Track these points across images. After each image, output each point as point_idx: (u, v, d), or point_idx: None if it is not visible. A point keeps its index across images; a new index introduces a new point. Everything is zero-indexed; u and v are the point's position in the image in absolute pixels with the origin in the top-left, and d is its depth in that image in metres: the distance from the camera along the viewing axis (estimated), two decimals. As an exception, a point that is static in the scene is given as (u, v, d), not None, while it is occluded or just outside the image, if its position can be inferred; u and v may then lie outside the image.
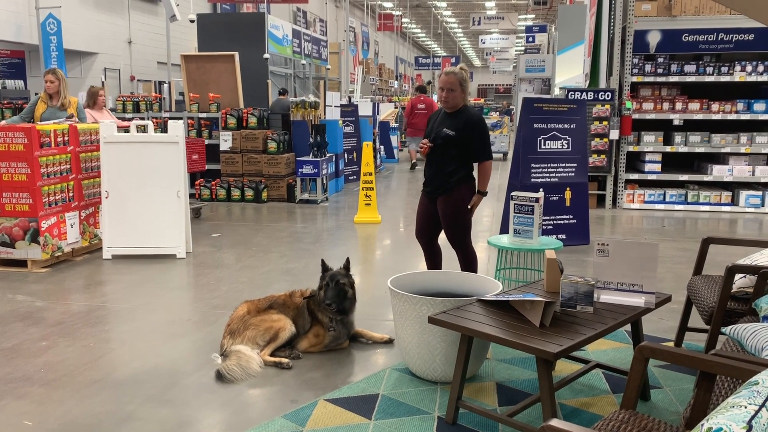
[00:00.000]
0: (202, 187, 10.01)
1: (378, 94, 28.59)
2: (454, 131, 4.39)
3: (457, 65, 4.61)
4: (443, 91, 4.42)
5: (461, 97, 4.45)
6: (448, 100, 4.42)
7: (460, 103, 4.47)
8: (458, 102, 4.45)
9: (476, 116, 4.43)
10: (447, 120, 4.47)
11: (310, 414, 3.18)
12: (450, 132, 4.40)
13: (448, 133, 4.40)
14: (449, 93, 4.41)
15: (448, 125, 4.43)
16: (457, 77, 4.39)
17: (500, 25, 31.35)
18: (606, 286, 3.22)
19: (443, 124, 4.48)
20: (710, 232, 7.93)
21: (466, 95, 4.51)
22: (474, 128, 4.39)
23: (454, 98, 4.43)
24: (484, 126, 4.45)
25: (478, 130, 4.40)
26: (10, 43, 14.58)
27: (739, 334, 2.59)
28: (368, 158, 8.48)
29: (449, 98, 4.42)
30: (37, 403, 3.33)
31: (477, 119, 4.41)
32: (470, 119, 4.39)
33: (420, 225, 4.72)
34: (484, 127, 4.45)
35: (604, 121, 9.14)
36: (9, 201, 5.86)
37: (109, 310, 4.83)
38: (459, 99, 4.44)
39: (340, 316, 3.98)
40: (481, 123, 4.42)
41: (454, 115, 4.45)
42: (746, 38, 9.00)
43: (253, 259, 6.40)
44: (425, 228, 4.70)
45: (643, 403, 3.29)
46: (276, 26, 15.59)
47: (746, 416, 1.46)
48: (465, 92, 4.47)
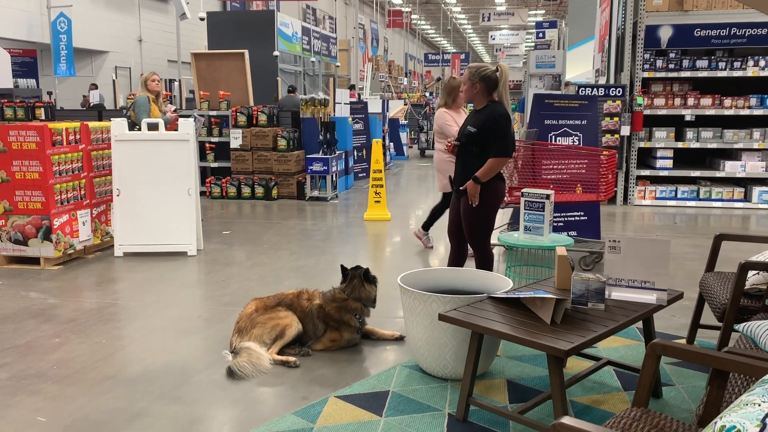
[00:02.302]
0: (212, 185, 10.05)
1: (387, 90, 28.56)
2: (475, 128, 4.31)
3: (495, 64, 4.50)
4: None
5: (478, 93, 4.33)
6: (462, 96, 4.50)
7: (479, 100, 4.35)
8: (473, 97, 4.36)
9: (498, 111, 4.29)
10: (472, 117, 4.43)
11: (321, 411, 3.18)
12: (472, 129, 4.32)
13: (471, 130, 4.33)
14: (462, 86, 4.47)
15: (472, 123, 4.38)
16: (469, 71, 4.36)
17: (510, 20, 31.24)
18: (617, 283, 3.20)
19: (469, 121, 4.45)
20: (723, 228, 7.87)
21: (492, 92, 4.35)
22: (492, 123, 4.27)
23: (465, 93, 4.41)
24: (503, 121, 4.28)
25: (495, 125, 4.26)
26: (22, 42, 14.69)
27: (752, 332, 2.57)
28: (378, 155, 8.47)
29: (463, 92, 4.48)
30: (50, 399, 3.36)
31: (497, 114, 4.27)
32: (490, 114, 4.28)
33: (451, 225, 4.64)
34: (503, 123, 4.28)
35: (615, 117, 9.09)
36: (22, 199, 5.91)
37: (120, 307, 4.86)
38: (473, 94, 4.35)
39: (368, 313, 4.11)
40: (499, 118, 4.26)
41: (479, 112, 4.37)
42: (759, 32, 8.91)
43: (264, 256, 6.42)
44: (455, 227, 4.61)
45: (656, 400, 3.27)
46: (285, 24, 15.61)
47: (760, 414, 1.45)
48: (480, 89, 4.32)
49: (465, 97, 4.49)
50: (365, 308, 4.02)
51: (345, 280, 4.07)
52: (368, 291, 4.01)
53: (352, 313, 3.97)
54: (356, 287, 4.00)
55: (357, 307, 3.98)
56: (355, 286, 4.00)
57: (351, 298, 3.99)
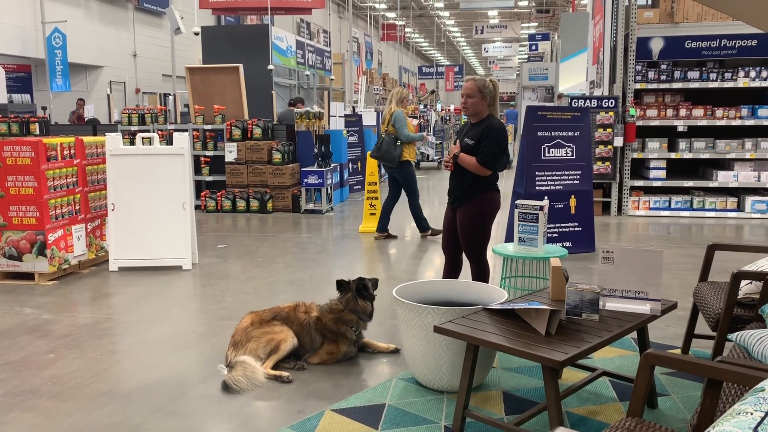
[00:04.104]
0: (207, 199, 10.05)
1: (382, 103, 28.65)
2: (473, 140, 4.35)
3: (485, 78, 4.57)
4: (463, 98, 4.40)
5: (482, 105, 4.37)
6: (467, 107, 4.39)
7: (482, 112, 4.39)
8: (479, 109, 4.38)
9: (496, 124, 4.36)
10: (471, 130, 4.45)
11: (317, 424, 3.18)
12: (470, 141, 4.36)
13: (468, 142, 4.37)
14: (468, 99, 4.37)
15: (470, 135, 4.41)
16: (477, 84, 4.36)
17: (503, 33, 31.44)
18: (611, 294, 3.21)
19: (467, 134, 4.46)
20: (716, 238, 7.91)
21: (491, 105, 4.42)
22: (488, 135, 4.32)
23: (473, 105, 4.37)
24: (498, 135, 4.33)
25: (490, 137, 4.31)
26: (16, 58, 14.70)
27: (745, 341, 2.59)
28: (372, 168, 8.49)
29: (468, 104, 4.38)
30: (45, 415, 3.34)
31: (494, 127, 4.34)
32: (489, 127, 4.33)
33: (446, 238, 4.64)
34: (498, 136, 4.33)
35: (608, 128, 9.14)
36: (16, 214, 5.90)
37: (115, 322, 4.85)
38: (479, 106, 4.37)
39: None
40: (495, 131, 4.32)
41: (477, 125, 4.41)
42: (749, 44, 9.00)
43: (259, 269, 6.42)
44: (451, 241, 4.61)
45: (651, 410, 3.27)
46: (280, 38, 15.67)
47: (752, 423, 1.46)
48: (487, 101, 4.38)
49: (472, 111, 4.41)
50: (361, 321, 4.03)
51: (341, 292, 4.09)
52: (363, 305, 4.02)
53: (348, 325, 3.97)
54: (350, 300, 4.01)
55: (353, 319, 3.98)
56: (349, 299, 4.02)
57: (347, 310, 3.99)
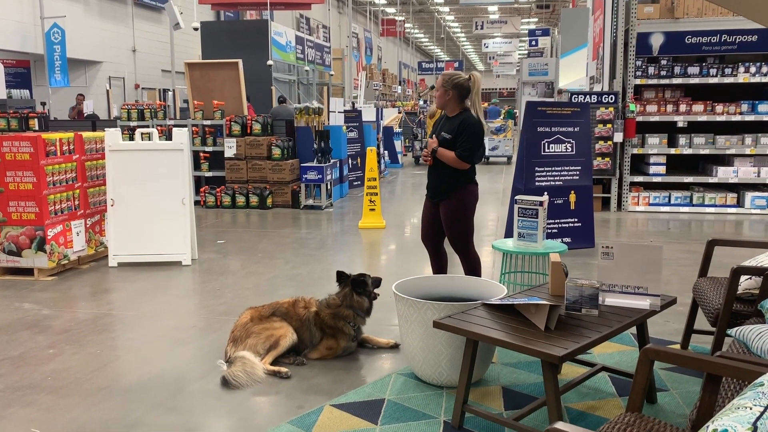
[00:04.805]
0: (206, 194, 10.05)
1: (381, 99, 28.64)
2: (450, 134, 4.45)
3: (468, 73, 4.61)
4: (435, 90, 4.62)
5: (451, 100, 4.46)
6: (435, 99, 4.61)
7: (451, 106, 4.49)
8: (446, 104, 4.49)
9: (471, 119, 4.43)
10: (447, 124, 4.55)
11: (316, 419, 3.18)
12: (447, 135, 4.46)
13: (445, 136, 4.47)
14: (435, 92, 4.56)
15: (446, 129, 4.50)
16: (444, 77, 4.50)
17: (503, 29, 31.41)
18: (611, 289, 3.21)
19: (443, 127, 4.55)
20: (716, 233, 7.91)
21: (465, 99, 4.47)
22: (466, 130, 4.40)
23: (438, 97, 4.51)
24: (474, 128, 4.40)
25: (467, 131, 4.40)
26: (15, 53, 14.68)
27: (744, 336, 2.59)
28: (372, 164, 8.49)
29: (435, 96, 4.57)
30: (44, 410, 3.35)
31: (470, 121, 4.42)
32: (464, 121, 4.42)
33: (425, 230, 4.74)
34: (475, 130, 4.40)
35: (608, 123, 9.13)
36: (15, 210, 5.89)
37: (115, 317, 4.85)
38: (445, 101, 4.48)
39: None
40: (471, 125, 4.40)
41: (454, 119, 4.50)
42: (750, 39, 8.98)
43: (259, 265, 6.42)
44: (430, 233, 4.72)
45: (650, 405, 3.28)
46: (279, 33, 15.65)
47: (751, 417, 1.46)
48: (453, 95, 4.44)
49: (438, 103, 4.57)
50: (358, 317, 4.02)
51: (340, 285, 4.09)
52: (359, 301, 4.01)
53: (345, 320, 3.98)
54: (347, 295, 4.01)
55: (349, 315, 3.98)
56: (346, 294, 4.02)
57: (344, 305, 3.99)
